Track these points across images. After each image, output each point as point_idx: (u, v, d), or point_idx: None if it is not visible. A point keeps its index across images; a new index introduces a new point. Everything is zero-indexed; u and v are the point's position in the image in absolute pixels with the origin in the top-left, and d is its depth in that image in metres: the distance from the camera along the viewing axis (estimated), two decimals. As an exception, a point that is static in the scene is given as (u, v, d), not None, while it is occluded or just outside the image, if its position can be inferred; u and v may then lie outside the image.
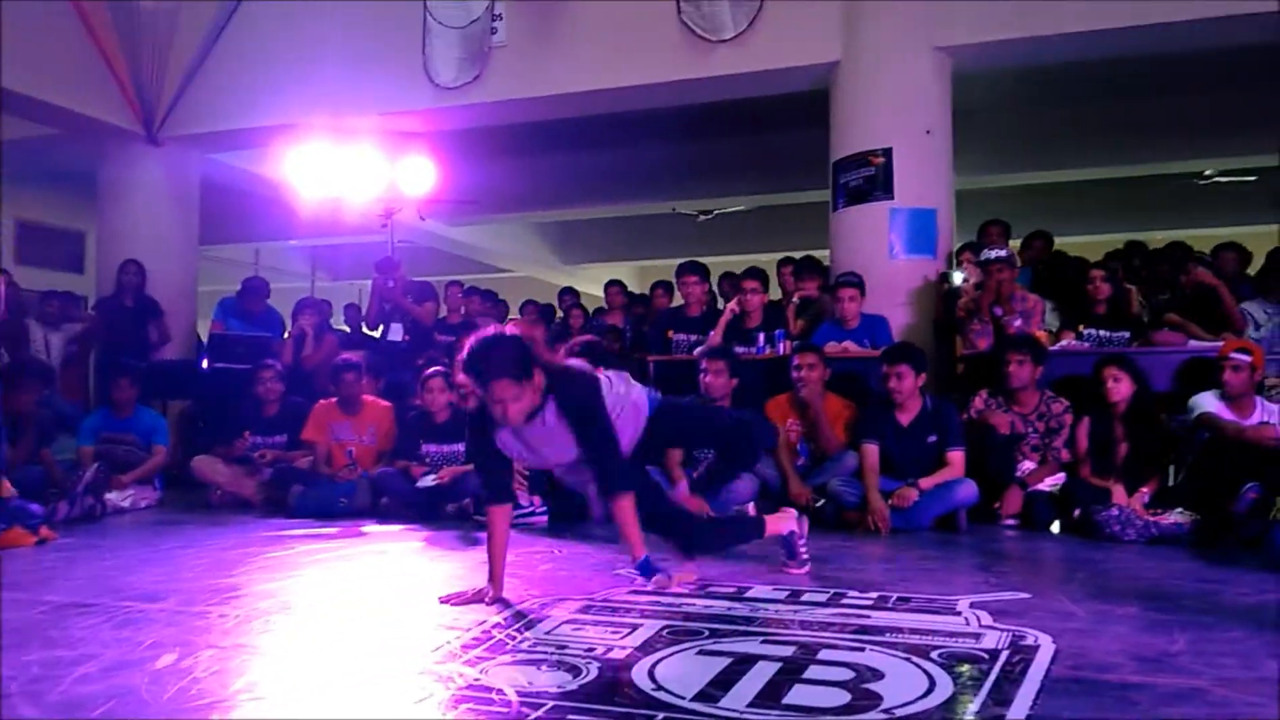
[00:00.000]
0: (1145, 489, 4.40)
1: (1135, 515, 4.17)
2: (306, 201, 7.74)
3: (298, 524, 4.77)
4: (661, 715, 1.86)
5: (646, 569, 3.01)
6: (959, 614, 2.73)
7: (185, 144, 8.08)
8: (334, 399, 5.61)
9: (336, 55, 7.40)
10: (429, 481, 5.08)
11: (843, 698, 1.97)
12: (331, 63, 7.38)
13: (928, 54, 6.30)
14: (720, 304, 6.44)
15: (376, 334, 7.55)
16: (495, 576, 2.94)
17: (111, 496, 5.20)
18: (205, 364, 6.96)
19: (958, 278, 5.98)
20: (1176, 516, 4.12)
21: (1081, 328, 5.48)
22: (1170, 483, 4.63)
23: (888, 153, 6.22)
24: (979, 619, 2.66)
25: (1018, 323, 5.35)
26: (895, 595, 2.97)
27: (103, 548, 4.11)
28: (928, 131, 6.27)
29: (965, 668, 2.17)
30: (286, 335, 7.19)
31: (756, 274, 6.21)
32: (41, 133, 8.01)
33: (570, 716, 1.86)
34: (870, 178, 6.29)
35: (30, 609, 2.82)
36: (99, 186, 8.14)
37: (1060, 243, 7.31)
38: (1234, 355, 4.46)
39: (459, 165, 8.91)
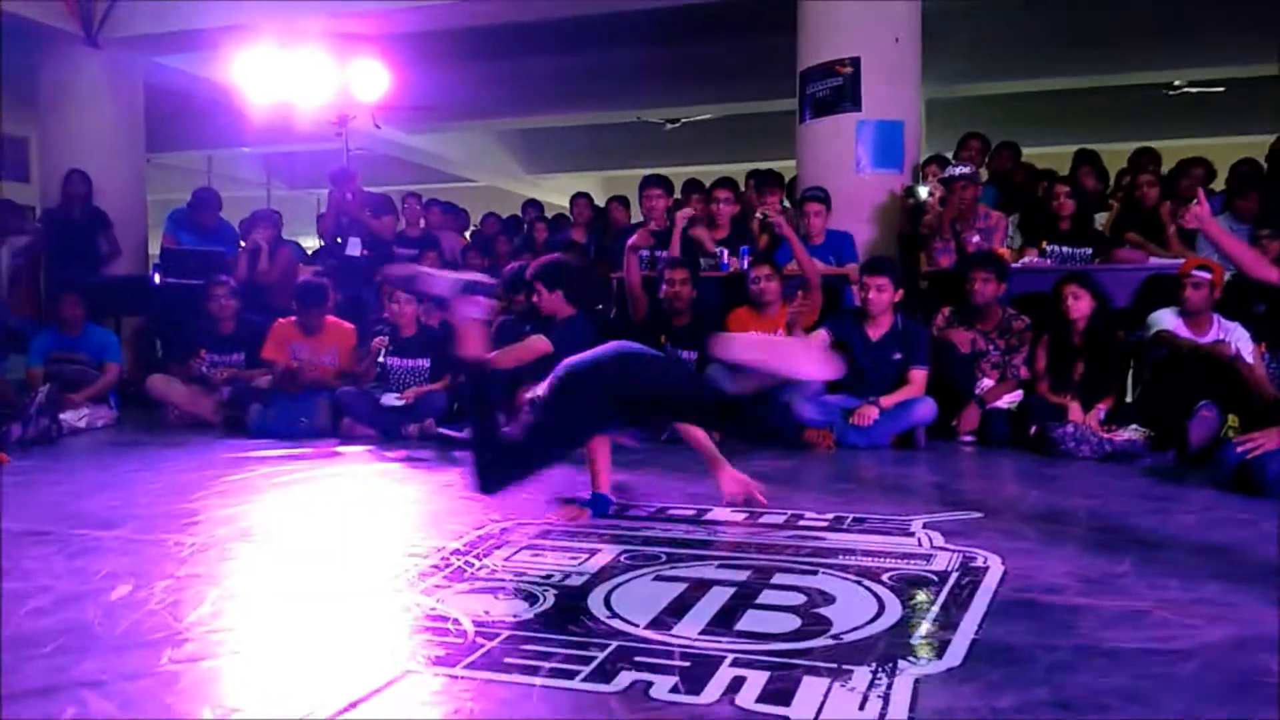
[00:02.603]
0: (1101, 406, 4.46)
1: (1090, 432, 4.24)
2: (256, 107, 7.48)
3: (257, 444, 4.73)
4: (615, 644, 1.88)
5: (599, 505, 3.02)
6: (912, 535, 2.78)
7: (127, 46, 7.74)
8: (293, 318, 5.52)
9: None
10: (392, 400, 5.05)
11: (793, 623, 2.01)
12: (279, -40, 7.04)
13: (898, -44, 6.12)
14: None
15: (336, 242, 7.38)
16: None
17: (67, 416, 5.12)
18: (157, 279, 6.79)
19: (923, 192, 5.93)
20: (1130, 434, 4.19)
21: (1045, 244, 5.48)
22: (1129, 399, 4.71)
23: (855, 62, 6.08)
24: (931, 540, 2.71)
25: (975, 239, 5.34)
26: (851, 516, 3.01)
27: (58, 471, 4.06)
28: (896, 39, 6.13)
29: (915, 591, 2.21)
30: (241, 247, 7.02)
31: (728, 184, 6.13)
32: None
33: (524, 646, 1.88)
34: (838, 88, 6.16)
35: (-20, 538, 2.78)
36: (40, 92, 7.81)
37: (1029, 153, 7.26)
38: (1195, 273, 4.49)
39: (415, 70, 8.62)
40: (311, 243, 8.91)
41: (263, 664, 1.83)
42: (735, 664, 1.77)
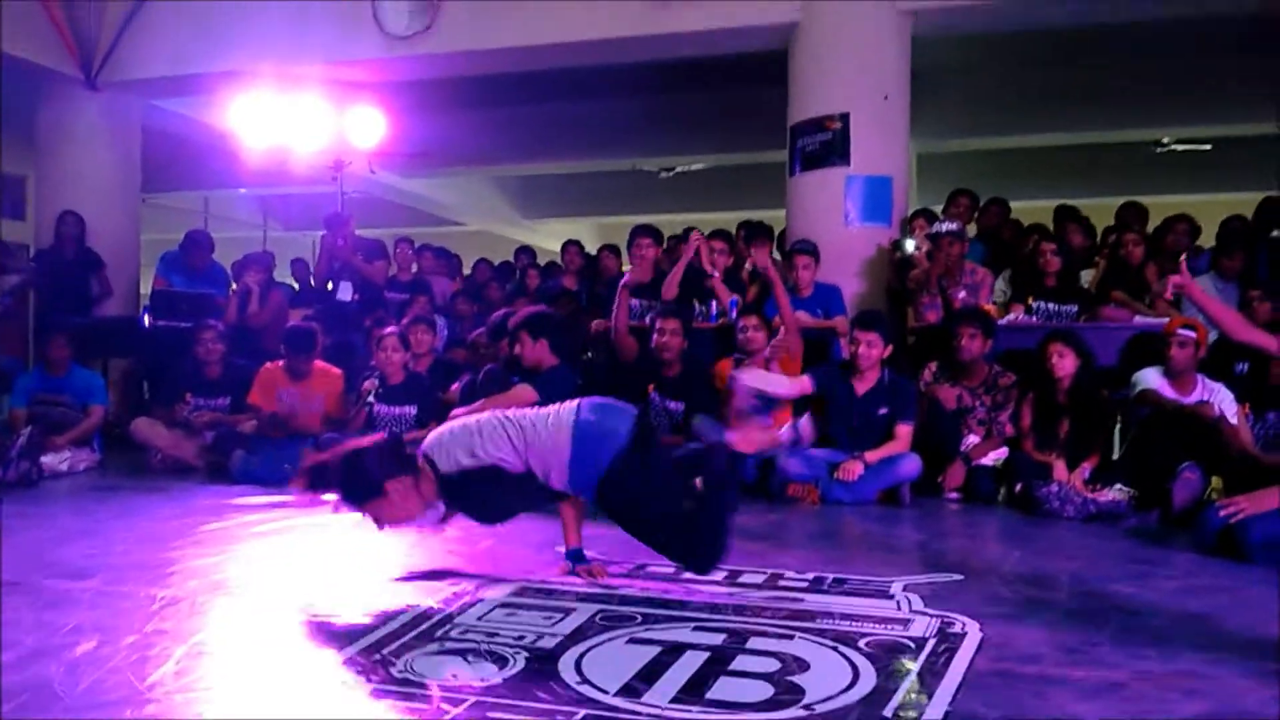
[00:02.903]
0: (1086, 465, 4.46)
1: (1074, 492, 4.23)
2: (253, 150, 7.54)
3: (240, 491, 4.69)
4: (583, 712, 1.86)
5: (576, 558, 3.00)
6: (892, 597, 2.76)
7: (126, 89, 7.79)
8: (281, 362, 5.51)
9: (282, 1, 7.16)
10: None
11: (766, 691, 1.98)
12: (277, 8, 7.13)
13: (889, 16, 6.22)
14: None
15: (328, 287, 7.40)
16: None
17: (48, 459, 5.08)
18: (147, 321, 6.79)
19: (909, 245, 5.97)
20: (1114, 494, 4.18)
21: (1031, 300, 5.51)
22: (1115, 456, 4.70)
23: (845, 118, 6.16)
24: (910, 603, 2.69)
25: (962, 294, 5.37)
26: (831, 577, 2.99)
27: (36, 516, 4.02)
28: (885, 97, 6.21)
29: (891, 659, 2.19)
30: (232, 290, 7.03)
31: (723, 236, 6.16)
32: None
33: (490, 714, 1.85)
34: (827, 143, 6.23)
35: (-51, 587, 2.75)
36: (37, 132, 7.85)
37: (1019, 208, 7.32)
38: (1180, 331, 4.52)
39: (411, 117, 8.71)
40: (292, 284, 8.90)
41: (223, 729, 1.80)
42: (704, 735, 1.74)
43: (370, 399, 5.22)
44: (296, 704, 1.93)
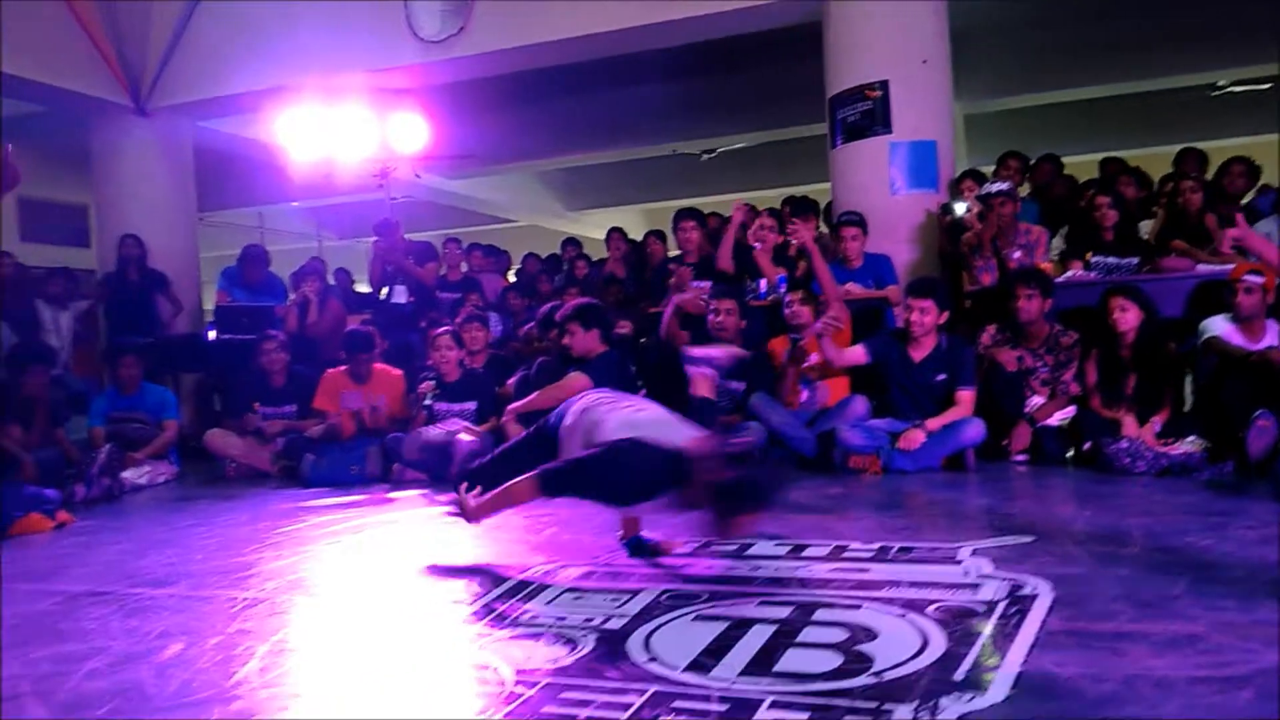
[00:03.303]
0: (1156, 419, 4.36)
1: (1145, 447, 4.14)
2: (299, 164, 7.68)
3: (311, 494, 4.82)
4: (653, 688, 1.88)
5: (635, 548, 3.03)
6: (959, 563, 2.73)
7: (175, 113, 8.00)
8: (343, 367, 5.63)
9: (319, 14, 7.27)
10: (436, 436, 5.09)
11: (834, 661, 1.98)
12: (314, 22, 7.25)
13: (923, -22, 6.12)
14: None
15: (381, 294, 7.53)
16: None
17: (128, 475, 5.27)
18: (211, 336, 6.98)
19: (959, 208, 5.87)
20: (1187, 446, 4.08)
21: (1089, 255, 5.39)
22: (1186, 409, 4.59)
23: (884, 85, 6.07)
24: (979, 567, 2.65)
25: (1017, 255, 5.27)
26: (897, 545, 2.97)
27: (117, 529, 4.16)
28: (924, 61, 6.11)
29: (960, 623, 2.17)
30: (290, 301, 7.19)
31: (771, 214, 6.13)
32: (32, 109, 7.96)
33: (562, 695, 1.88)
34: (868, 112, 6.15)
35: (44, 600, 2.87)
36: (92, 161, 8.10)
37: (1072, 162, 7.14)
38: (1246, 277, 4.37)
39: (452, 119, 8.79)
40: (366, 288, 9.08)
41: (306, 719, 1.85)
42: (774, 705, 1.75)
43: (428, 400, 5.31)
44: (376, 696, 1.98)
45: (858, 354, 4.68)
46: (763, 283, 5.60)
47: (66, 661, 2.24)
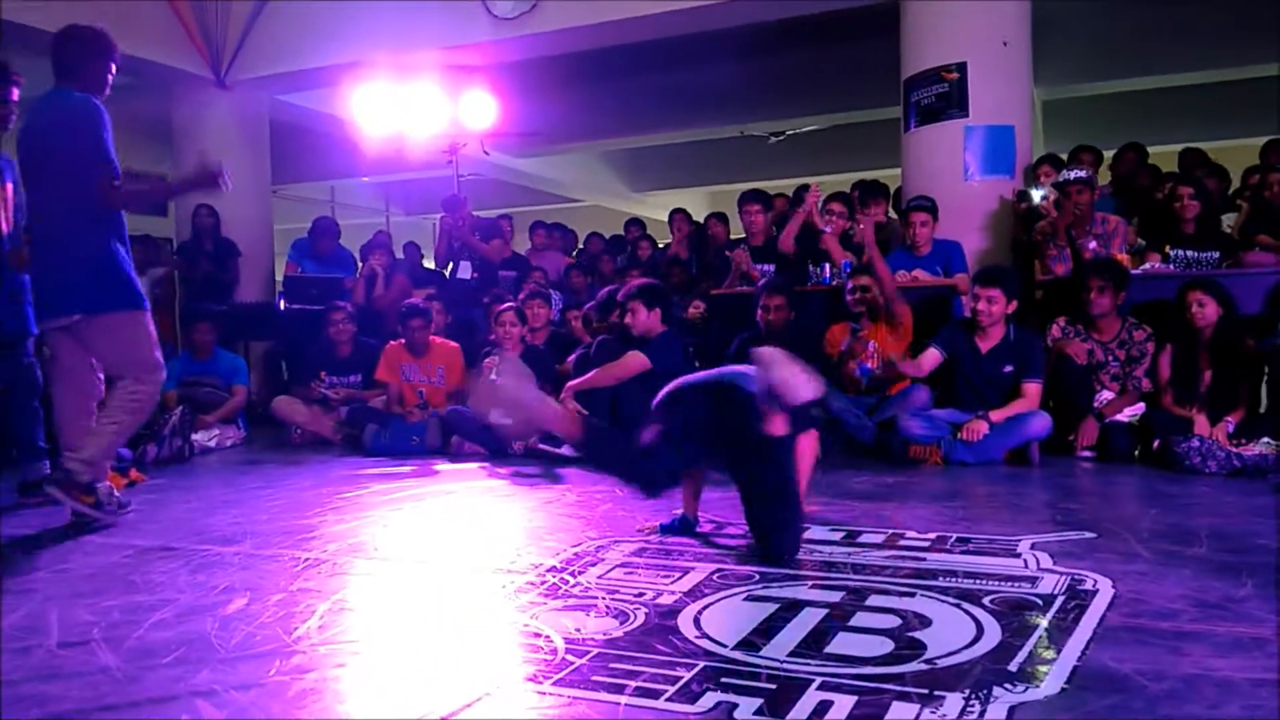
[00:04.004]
0: (1230, 418, 4.22)
1: (1217, 446, 4.01)
2: (371, 139, 7.80)
3: (372, 463, 4.92)
4: (702, 664, 1.89)
5: (676, 526, 3.04)
6: (1018, 556, 2.68)
7: (253, 86, 8.17)
8: (403, 340, 5.72)
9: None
10: (499, 418, 5.14)
11: (886, 646, 1.97)
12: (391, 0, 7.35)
13: (1005, -42, 5.96)
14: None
15: (446, 272, 7.63)
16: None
17: (198, 437, 5.44)
18: (282, 305, 7.15)
19: (1036, 195, 5.73)
20: (1261, 447, 3.95)
21: (1168, 248, 5.22)
22: (1262, 410, 4.44)
23: (961, 68, 5.94)
24: (1038, 561, 2.61)
25: (1092, 245, 5.13)
26: (954, 536, 2.93)
27: (187, 489, 4.30)
28: (1004, 43, 5.96)
29: (1017, 614, 2.14)
30: (358, 274, 7.32)
31: (841, 198, 6.06)
32: (118, 80, 8.18)
33: (613, 665, 1.90)
34: (944, 95, 6.03)
35: (117, 553, 2.98)
36: (172, 132, 8.32)
37: (1157, 151, 6.92)
38: (1332, 274, 4.21)
39: (522, 97, 8.84)
40: (432, 263, 9.23)
41: (361, 677, 1.90)
42: (823, 687, 1.75)
43: (494, 375, 5.33)
44: (428, 655, 2.02)
45: (932, 358, 4.60)
46: (826, 266, 5.54)
47: (136, 611, 2.33)
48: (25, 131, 3.52)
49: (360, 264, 7.47)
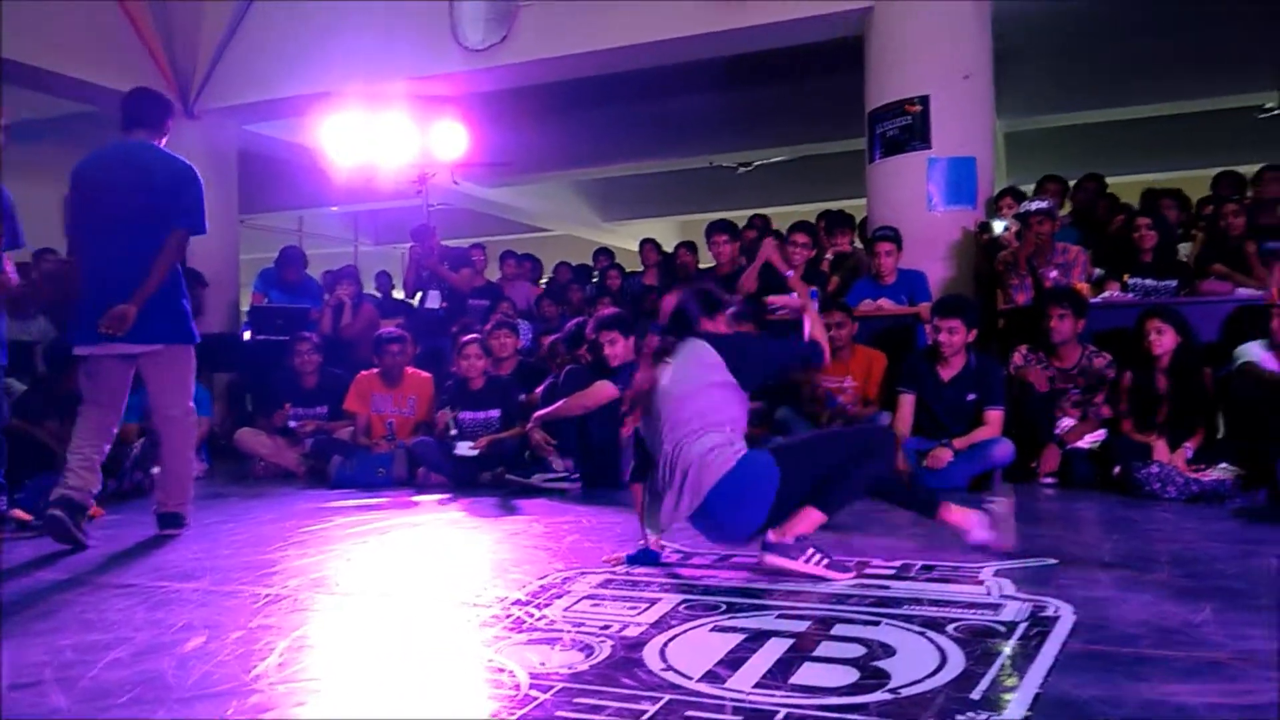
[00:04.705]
0: (1189, 444, 4.30)
1: (1176, 472, 4.07)
2: (341, 169, 7.79)
3: (337, 495, 4.87)
4: (667, 697, 1.88)
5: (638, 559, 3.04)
6: (981, 583, 2.70)
7: (221, 115, 8.16)
8: (375, 370, 5.68)
9: (365, 21, 7.40)
10: (465, 450, 5.13)
11: (850, 676, 1.97)
12: (360, 29, 7.38)
13: (966, -7, 6.09)
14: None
15: (414, 301, 7.61)
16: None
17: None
18: (247, 335, 7.09)
19: (998, 226, 5.83)
20: (1219, 473, 4.01)
21: (1127, 277, 5.32)
22: (1220, 436, 4.52)
23: (924, 100, 6.06)
24: (1001, 588, 2.62)
25: (1053, 274, 5.22)
26: (919, 564, 2.95)
27: (146, 524, 4.21)
28: (966, 77, 6.08)
29: (979, 643, 2.15)
30: (325, 303, 7.27)
31: (805, 228, 6.12)
32: (83, 109, 8.13)
33: (577, 699, 1.88)
34: (907, 127, 6.13)
35: (72, 590, 2.92)
36: (140, 162, 8.25)
37: (1115, 182, 7.06)
38: (1284, 303, 4.31)
39: (492, 127, 8.88)
40: (401, 294, 9.19)
41: (321, 716, 1.87)
42: (788, 719, 1.74)
43: (452, 433, 5.23)
44: (391, 693, 1.99)
45: (909, 405, 4.65)
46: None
47: (90, 650, 2.28)
48: (102, 170, 3.90)
49: (327, 294, 7.42)
